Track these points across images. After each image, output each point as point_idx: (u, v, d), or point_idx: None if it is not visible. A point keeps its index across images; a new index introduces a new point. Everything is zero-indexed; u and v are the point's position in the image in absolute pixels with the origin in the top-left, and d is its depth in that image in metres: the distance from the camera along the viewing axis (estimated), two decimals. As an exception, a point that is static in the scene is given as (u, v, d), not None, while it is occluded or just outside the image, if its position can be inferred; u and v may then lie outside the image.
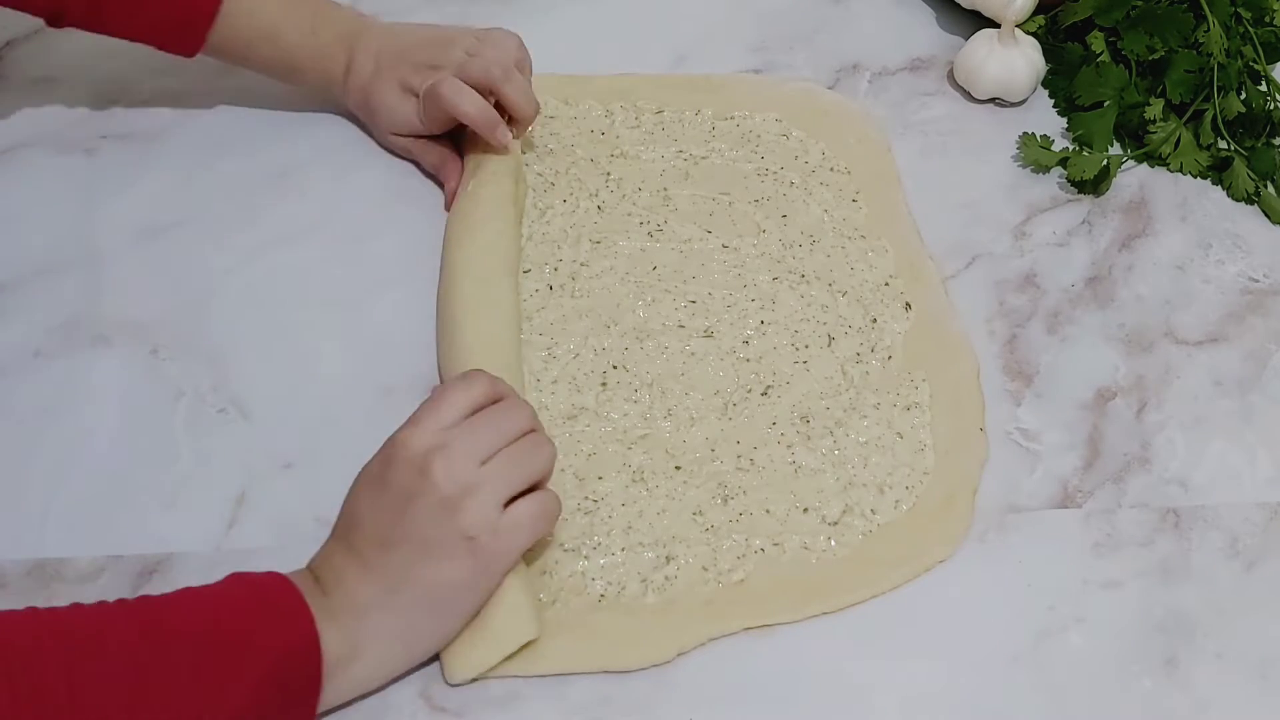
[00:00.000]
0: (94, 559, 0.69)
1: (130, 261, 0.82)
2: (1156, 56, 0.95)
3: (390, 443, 0.65)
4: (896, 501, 0.75)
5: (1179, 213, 0.92)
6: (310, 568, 0.65)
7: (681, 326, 0.81)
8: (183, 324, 0.79)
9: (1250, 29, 0.96)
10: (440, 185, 0.87)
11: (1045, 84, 0.99)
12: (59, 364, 0.77)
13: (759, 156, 0.91)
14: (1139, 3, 0.96)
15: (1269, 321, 0.86)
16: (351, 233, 0.85)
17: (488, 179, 0.84)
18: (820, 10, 1.03)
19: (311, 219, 0.85)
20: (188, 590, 0.61)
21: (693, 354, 0.80)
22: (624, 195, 0.88)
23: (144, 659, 0.56)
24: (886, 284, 0.85)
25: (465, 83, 0.83)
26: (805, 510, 0.74)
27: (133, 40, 0.83)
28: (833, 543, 0.73)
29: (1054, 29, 1.00)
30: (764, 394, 0.79)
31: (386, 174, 0.88)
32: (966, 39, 0.98)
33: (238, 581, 0.61)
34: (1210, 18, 0.94)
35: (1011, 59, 0.96)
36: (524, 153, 0.89)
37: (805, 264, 0.85)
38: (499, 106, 0.84)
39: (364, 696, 0.65)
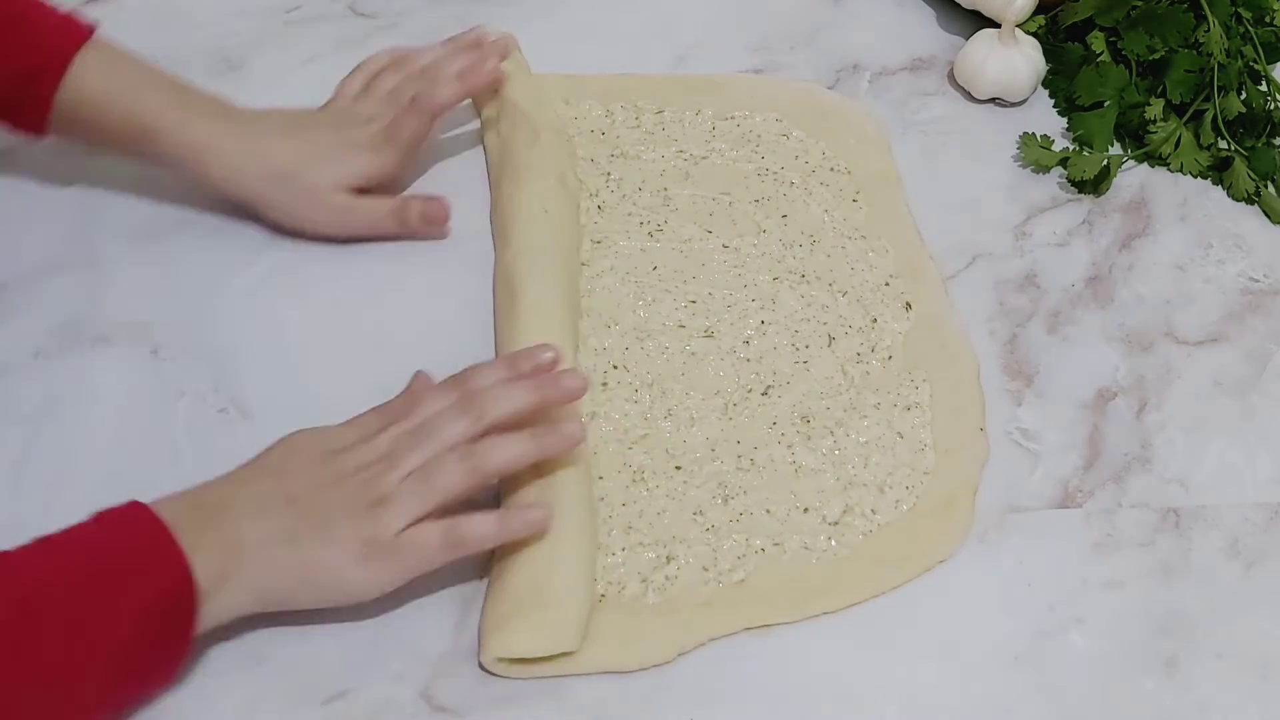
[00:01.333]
0: None
1: (130, 261, 0.82)
2: (1156, 56, 0.95)
3: (363, 426, 0.68)
4: (897, 501, 0.75)
5: (1179, 213, 0.92)
6: (193, 492, 0.65)
7: (681, 326, 0.81)
8: (183, 324, 0.79)
9: (1250, 29, 0.96)
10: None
11: (1045, 84, 0.99)
12: (59, 364, 0.77)
13: (759, 156, 0.91)
14: (1139, 3, 0.96)
15: (1269, 321, 0.86)
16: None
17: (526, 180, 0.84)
18: (820, 10, 1.03)
19: (311, 219, 0.85)
20: (49, 541, 0.60)
21: (693, 354, 0.80)
22: (624, 195, 0.88)
23: (15, 631, 0.56)
24: (886, 284, 0.85)
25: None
26: (805, 510, 0.74)
27: None
28: (833, 542, 0.73)
29: (1054, 29, 1.00)
30: (764, 394, 0.79)
31: (386, 174, 0.88)
32: (966, 39, 0.98)
33: (103, 523, 0.61)
34: (1210, 18, 0.94)
35: (1011, 59, 0.96)
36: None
37: (805, 264, 0.85)
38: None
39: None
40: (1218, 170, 0.94)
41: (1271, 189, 0.94)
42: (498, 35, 0.90)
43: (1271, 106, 0.95)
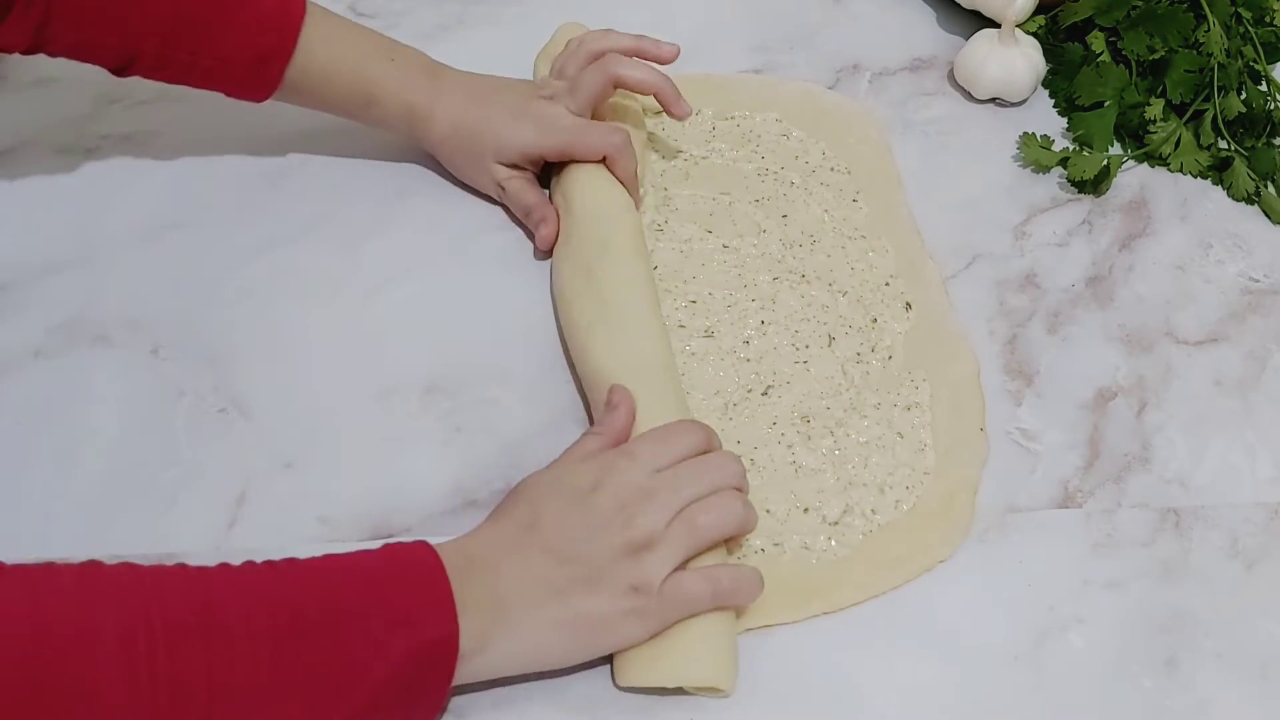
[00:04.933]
0: (94, 559, 0.69)
1: (130, 261, 0.82)
2: (1156, 56, 0.95)
3: (608, 467, 0.66)
4: (897, 501, 0.75)
5: (1179, 213, 0.92)
6: (464, 542, 0.64)
7: (682, 326, 0.81)
8: (183, 324, 0.79)
9: (1250, 29, 0.96)
10: (524, 230, 0.86)
11: (1045, 84, 0.99)
12: (59, 364, 0.77)
13: (759, 156, 0.91)
14: (1139, 3, 0.96)
15: (1269, 321, 0.86)
16: (351, 232, 0.85)
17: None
18: (820, 10, 1.03)
19: (311, 218, 0.86)
20: (336, 560, 0.60)
21: (693, 354, 0.80)
22: (624, 195, 0.88)
23: (284, 640, 0.56)
24: (887, 284, 0.85)
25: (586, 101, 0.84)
26: (805, 510, 0.74)
27: (204, 86, 0.81)
28: (833, 543, 0.73)
29: (1054, 29, 1.00)
30: (764, 394, 0.79)
31: (387, 173, 0.88)
32: (966, 39, 0.98)
33: (390, 558, 0.61)
34: (1210, 18, 0.94)
35: (1011, 59, 0.96)
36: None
37: (805, 264, 0.85)
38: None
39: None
40: (1218, 170, 0.94)
41: (1271, 189, 0.94)
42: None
43: (1271, 106, 0.94)
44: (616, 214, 0.82)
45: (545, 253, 0.84)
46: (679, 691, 0.66)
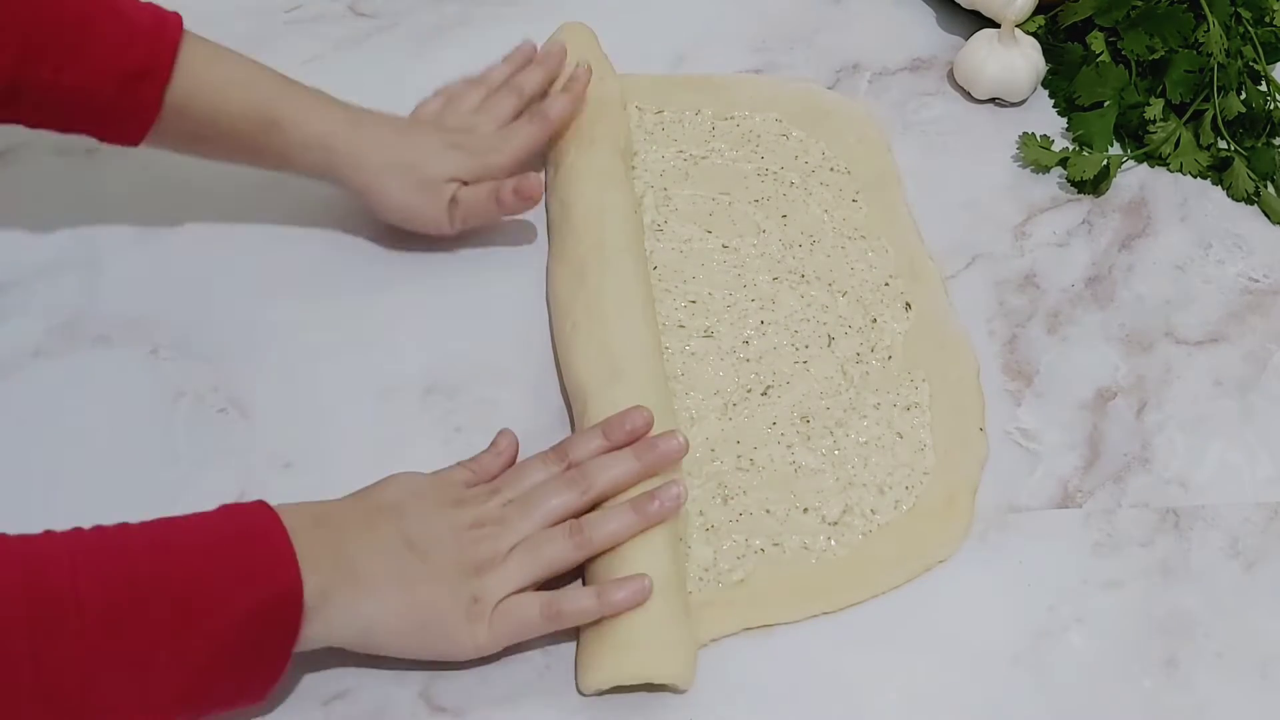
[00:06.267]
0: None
1: (130, 261, 0.82)
2: (1156, 56, 0.95)
3: (475, 489, 0.69)
4: (896, 501, 0.75)
5: (1179, 213, 0.92)
6: (310, 505, 0.64)
7: (681, 326, 0.81)
8: (183, 324, 0.79)
9: (1250, 29, 0.96)
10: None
11: (1045, 84, 0.99)
12: (59, 364, 0.77)
13: (759, 156, 0.91)
14: (1139, 3, 0.96)
15: (1269, 321, 0.86)
16: (352, 232, 0.85)
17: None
18: (820, 10, 1.03)
19: (312, 218, 0.85)
20: (169, 522, 0.59)
21: (693, 354, 0.80)
22: (624, 195, 0.88)
23: (115, 607, 0.55)
24: (886, 284, 0.85)
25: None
26: (805, 510, 0.74)
27: (70, 121, 0.74)
28: (833, 542, 0.73)
29: (1054, 29, 1.00)
30: (764, 394, 0.79)
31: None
32: (966, 39, 0.98)
33: (228, 516, 0.61)
34: (1210, 18, 0.94)
35: (1011, 59, 0.96)
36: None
37: (805, 264, 0.85)
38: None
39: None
40: (1218, 170, 0.94)
41: (1271, 189, 0.94)
42: (554, 48, 0.90)
43: (1271, 106, 0.95)
44: (614, 216, 0.82)
45: (535, 205, 0.82)
46: (646, 687, 0.66)
